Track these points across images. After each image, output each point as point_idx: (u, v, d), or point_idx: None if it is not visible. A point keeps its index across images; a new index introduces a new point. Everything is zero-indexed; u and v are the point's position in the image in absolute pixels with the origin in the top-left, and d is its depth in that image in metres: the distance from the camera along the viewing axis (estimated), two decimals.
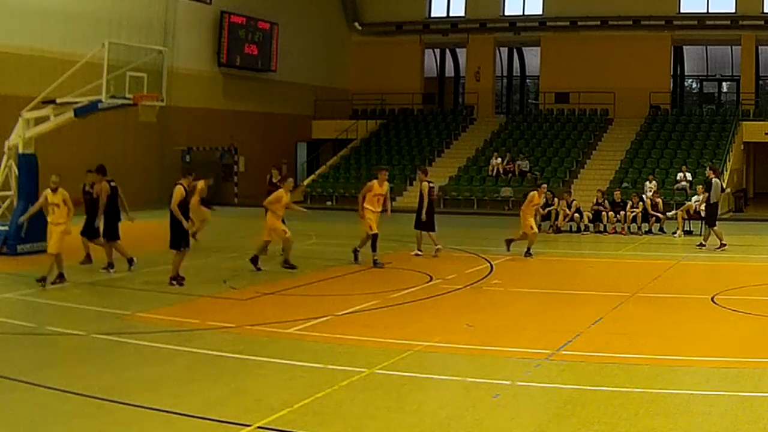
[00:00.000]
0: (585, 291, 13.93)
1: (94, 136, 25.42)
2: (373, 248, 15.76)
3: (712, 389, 7.67)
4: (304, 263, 16.00)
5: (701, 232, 21.20)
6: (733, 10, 33.78)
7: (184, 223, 13.29)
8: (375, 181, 16.22)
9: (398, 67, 37.90)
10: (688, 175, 27.35)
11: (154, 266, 14.82)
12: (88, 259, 15.45)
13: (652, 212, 22.00)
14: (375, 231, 15.76)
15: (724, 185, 25.88)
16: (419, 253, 16.92)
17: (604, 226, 21.86)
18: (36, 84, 19.68)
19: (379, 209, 16.16)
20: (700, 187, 20.60)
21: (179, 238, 13.34)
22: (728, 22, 33.80)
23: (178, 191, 13.25)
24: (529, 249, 16.84)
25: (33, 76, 22.63)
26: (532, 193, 17.41)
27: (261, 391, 7.76)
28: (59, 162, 23.04)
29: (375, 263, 15.57)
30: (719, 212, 19.87)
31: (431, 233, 17.09)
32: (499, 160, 31.15)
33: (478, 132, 35.69)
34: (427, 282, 13.91)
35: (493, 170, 31.00)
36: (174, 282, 13.35)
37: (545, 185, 18.69)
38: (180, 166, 25.58)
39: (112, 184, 15.16)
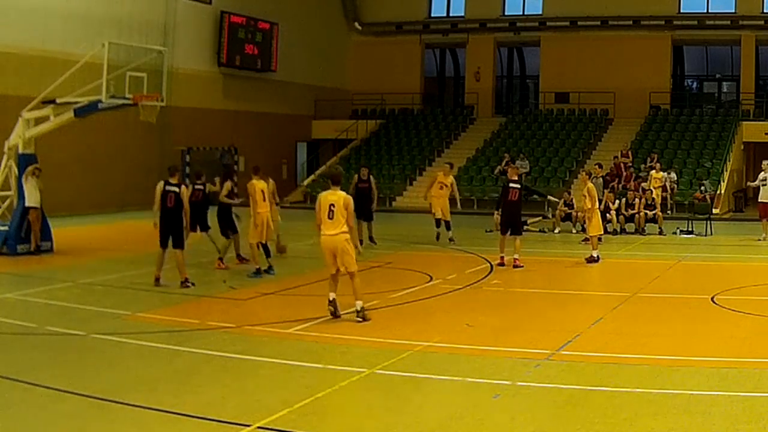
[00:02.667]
0: (585, 291, 13.94)
1: (94, 136, 25.44)
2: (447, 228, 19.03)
3: (712, 389, 7.66)
4: (304, 263, 16.02)
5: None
6: (733, 10, 33.78)
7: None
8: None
9: (398, 67, 37.88)
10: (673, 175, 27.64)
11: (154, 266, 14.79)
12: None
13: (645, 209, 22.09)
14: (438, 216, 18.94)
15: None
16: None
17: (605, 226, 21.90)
18: (36, 84, 19.67)
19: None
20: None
21: (180, 237, 13.44)
22: (728, 22, 33.79)
23: (186, 192, 13.56)
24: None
25: (33, 76, 22.61)
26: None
27: (261, 391, 7.76)
28: (59, 162, 23.20)
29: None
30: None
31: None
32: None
33: (478, 132, 35.68)
34: (427, 282, 13.91)
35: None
36: (188, 283, 13.32)
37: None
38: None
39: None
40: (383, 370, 8.35)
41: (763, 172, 20.36)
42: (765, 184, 20.21)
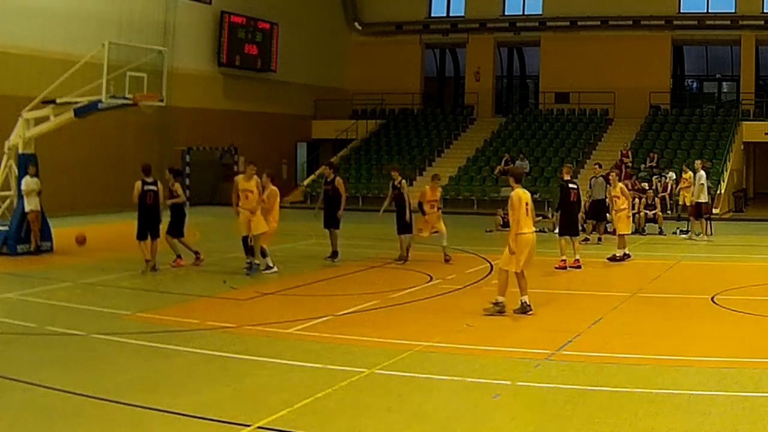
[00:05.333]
0: (585, 291, 13.93)
1: (94, 136, 25.43)
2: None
3: (712, 389, 7.66)
4: (304, 263, 16.02)
5: (707, 231, 21.22)
6: (733, 10, 33.80)
7: None
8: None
9: (398, 67, 37.91)
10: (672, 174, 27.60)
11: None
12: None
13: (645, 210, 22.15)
14: None
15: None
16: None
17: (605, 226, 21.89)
18: (36, 84, 19.68)
19: None
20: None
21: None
22: (728, 22, 33.82)
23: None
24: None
25: (33, 76, 22.62)
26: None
27: (261, 391, 7.76)
28: (59, 162, 23.20)
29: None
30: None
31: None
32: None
33: (478, 132, 35.70)
34: (427, 282, 13.91)
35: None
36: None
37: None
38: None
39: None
40: (383, 370, 8.34)
41: (697, 172, 20.52)
42: (695, 184, 20.38)
